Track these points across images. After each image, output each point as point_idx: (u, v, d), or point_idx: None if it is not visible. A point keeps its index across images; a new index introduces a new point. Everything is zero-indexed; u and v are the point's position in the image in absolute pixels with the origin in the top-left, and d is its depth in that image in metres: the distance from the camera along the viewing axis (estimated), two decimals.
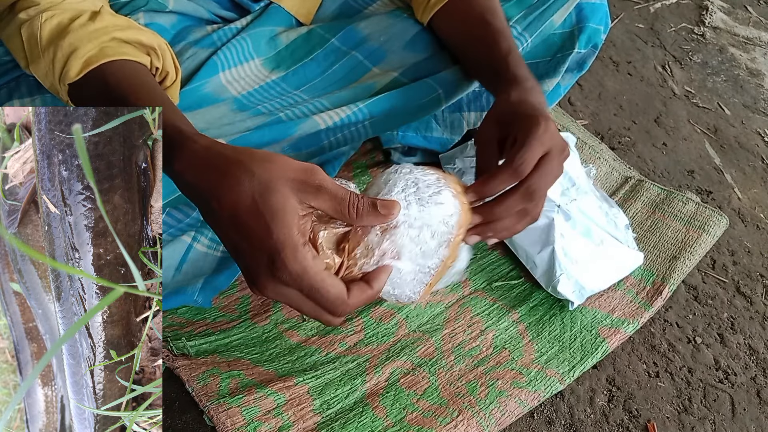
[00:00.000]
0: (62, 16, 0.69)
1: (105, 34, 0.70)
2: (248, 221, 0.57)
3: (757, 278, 1.25)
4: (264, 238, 0.57)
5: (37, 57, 0.69)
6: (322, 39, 1.00)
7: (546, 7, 1.02)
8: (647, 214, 1.28)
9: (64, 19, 0.69)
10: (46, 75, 0.70)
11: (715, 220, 1.28)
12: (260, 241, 0.57)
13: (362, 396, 0.89)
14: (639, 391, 1.01)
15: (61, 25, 0.69)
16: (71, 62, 0.68)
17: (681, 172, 1.46)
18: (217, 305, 0.94)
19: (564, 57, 1.06)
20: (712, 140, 1.60)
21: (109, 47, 0.69)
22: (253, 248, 0.58)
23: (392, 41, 1.00)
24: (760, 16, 2.18)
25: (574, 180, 1.14)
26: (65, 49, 0.68)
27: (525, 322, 1.03)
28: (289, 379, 0.87)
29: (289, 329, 0.94)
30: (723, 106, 1.74)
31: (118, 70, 0.69)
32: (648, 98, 1.68)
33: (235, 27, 0.98)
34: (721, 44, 1.99)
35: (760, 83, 1.87)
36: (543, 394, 0.94)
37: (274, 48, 1.00)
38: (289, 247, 0.56)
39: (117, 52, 0.70)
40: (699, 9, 2.13)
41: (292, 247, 0.57)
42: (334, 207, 0.60)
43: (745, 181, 1.49)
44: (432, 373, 0.93)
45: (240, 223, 0.58)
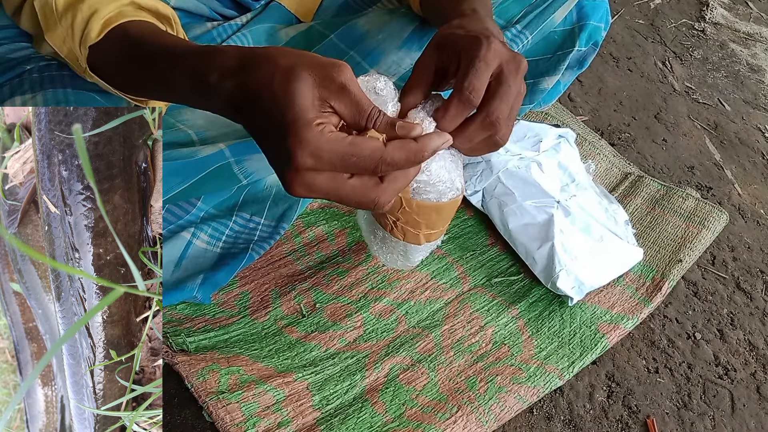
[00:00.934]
0: None
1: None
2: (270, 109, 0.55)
3: (757, 274, 1.25)
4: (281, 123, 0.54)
5: (53, 24, 0.69)
6: (321, 35, 1.00)
7: (547, 4, 1.01)
8: (647, 210, 1.28)
9: None
10: (65, 41, 0.70)
11: (715, 215, 1.28)
12: (278, 128, 0.54)
13: (361, 392, 0.89)
14: (638, 387, 1.01)
15: None
16: (92, 24, 0.67)
17: (681, 168, 1.46)
18: (216, 301, 0.95)
19: (564, 55, 1.06)
20: (712, 136, 1.59)
21: (127, 10, 0.70)
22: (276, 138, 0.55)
23: (390, 39, 0.99)
24: (760, 11, 2.17)
25: (573, 176, 1.15)
26: (85, 12, 0.68)
27: (524, 318, 1.03)
28: (288, 375, 0.87)
29: (288, 325, 0.94)
30: (723, 102, 1.73)
31: (138, 28, 0.69)
32: (648, 94, 1.68)
33: (236, 24, 0.98)
34: (721, 40, 1.99)
35: (761, 79, 1.87)
36: (542, 390, 0.94)
37: (273, 44, 1.00)
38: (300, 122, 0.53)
39: (135, 14, 0.70)
40: (699, 5, 2.13)
41: (304, 122, 0.53)
42: (352, 114, 0.56)
43: (745, 177, 1.49)
44: (431, 368, 0.93)
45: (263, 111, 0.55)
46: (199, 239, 0.90)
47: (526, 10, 1.01)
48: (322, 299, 0.98)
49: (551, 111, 1.45)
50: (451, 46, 0.69)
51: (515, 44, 1.02)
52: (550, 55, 1.07)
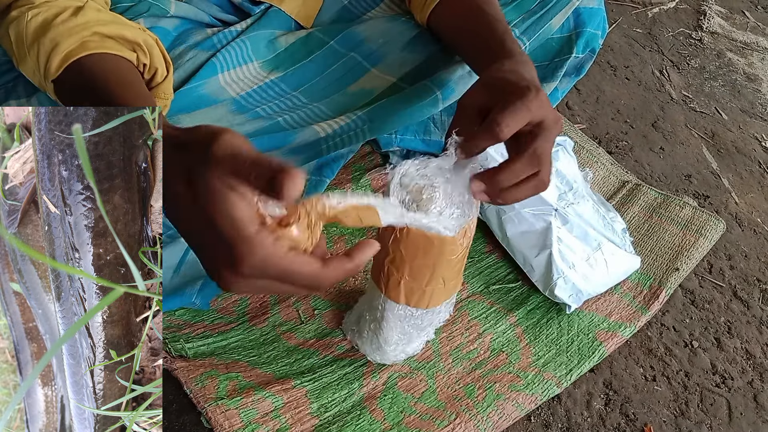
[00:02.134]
0: (47, 13, 0.68)
1: (86, 29, 0.68)
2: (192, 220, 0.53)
3: (754, 283, 1.26)
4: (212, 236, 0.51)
5: (23, 55, 0.68)
6: (321, 42, 1.00)
7: (545, 11, 1.02)
8: (644, 218, 1.28)
9: (49, 15, 0.68)
10: (34, 73, 0.69)
11: (712, 224, 1.29)
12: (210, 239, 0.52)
13: (360, 399, 0.89)
14: (636, 395, 1.01)
15: (45, 21, 0.67)
16: (52, 58, 0.66)
17: (678, 176, 1.47)
18: (215, 307, 0.94)
19: (562, 61, 1.06)
20: (709, 145, 1.60)
21: (90, 41, 0.68)
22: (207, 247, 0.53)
23: (391, 43, 1.00)
24: (757, 21, 2.19)
25: (571, 184, 1.15)
26: (47, 45, 0.66)
27: (522, 325, 1.03)
28: (287, 381, 0.87)
29: (287, 332, 0.94)
30: (720, 110, 1.74)
31: (96, 63, 0.67)
32: (645, 102, 1.68)
33: (235, 30, 0.99)
34: (718, 49, 2.00)
35: (758, 88, 1.88)
36: (540, 398, 0.94)
37: (273, 51, 1.00)
38: (240, 241, 0.50)
39: (99, 46, 0.68)
40: (697, 14, 2.14)
41: (243, 240, 0.50)
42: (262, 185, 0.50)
43: (742, 186, 1.50)
44: (430, 376, 0.93)
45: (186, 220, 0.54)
46: None
47: (524, 16, 1.02)
48: (320, 306, 0.98)
49: None
50: (501, 88, 0.71)
51: None
52: (547, 62, 1.07)
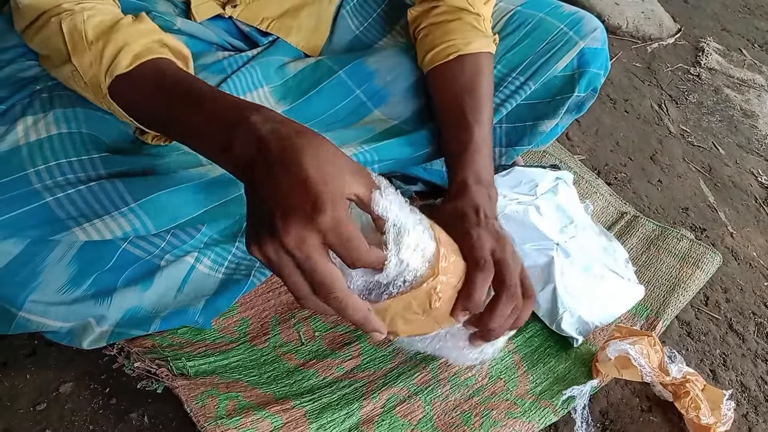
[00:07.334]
0: (103, 17, 0.75)
1: (153, 34, 0.76)
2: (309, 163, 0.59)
3: (749, 316, 1.27)
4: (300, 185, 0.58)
5: (82, 49, 0.74)
6: (330, 70, 1.02)
7: (551, 54, 1.03)
8: (642, 250, 1.30)
9: (106, 18, 0.75)
10: (91, 65, 0.74)
11: (709, 257, 1.30)
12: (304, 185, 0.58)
13: (358, 422, 0.89)
14: (632, 425, 1.01)
15: (104, 23, 0.74)
16: (123, 55, 0.73)
17: (676, 209, 1.48)
18: (217, 326, 0.95)
19: (564, 99, 1.07)
20: (706, 179, 1.62)
21: (154, 47, 0.75)
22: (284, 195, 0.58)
23: (397, 82, 1.02)
24: (754, 59, 2.22)
25: (572, 217, 1.16)
26: (118, 42, 0.73)
27: (521, 352, 1.04)
28: (286, 402, 0.87)
29: (287, 352, 0.95)
30: (717, 145, 1.76)
31: (167, 65, 0.75)
32: (644, 135, 1.70)
33: (246, 56, 1.01)
34: (716, 85, 2.03)
35: (754, 124, 1.90)
36: (537, 425, 0.95)
37: (282, 77, 1.02)
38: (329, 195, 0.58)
39: (160, 51, 0.75)
40: (695, 50, 2.17)
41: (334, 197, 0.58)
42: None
43: (738, 220, 1.51)
44: (427, 402, 0.94)
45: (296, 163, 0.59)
46: (202, 264, 0.91)
47: (532, 59, 1.03)
48: (321, 327, 0.99)
49: (549, 149, 1.47)
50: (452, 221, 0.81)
51: (519, 95, 1.04)
52: (549, 99, 1.08)
